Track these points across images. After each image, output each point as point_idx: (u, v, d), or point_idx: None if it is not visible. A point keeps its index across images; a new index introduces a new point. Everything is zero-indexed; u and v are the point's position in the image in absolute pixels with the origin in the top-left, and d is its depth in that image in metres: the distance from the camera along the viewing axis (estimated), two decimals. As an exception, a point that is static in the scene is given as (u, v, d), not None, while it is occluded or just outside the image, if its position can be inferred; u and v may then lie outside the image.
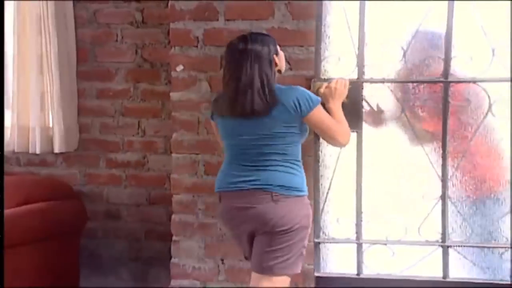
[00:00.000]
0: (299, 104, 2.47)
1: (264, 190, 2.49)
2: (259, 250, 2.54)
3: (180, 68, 3.11)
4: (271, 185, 2.49)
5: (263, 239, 2.52)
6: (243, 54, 2.48)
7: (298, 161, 2.58)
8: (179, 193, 3.17)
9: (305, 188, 2.58)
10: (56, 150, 3.70)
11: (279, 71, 2.60)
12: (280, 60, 2.58)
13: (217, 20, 3.03)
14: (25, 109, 3.70)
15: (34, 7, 3.61)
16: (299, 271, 2.60)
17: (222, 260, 3.15)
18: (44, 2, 3.57)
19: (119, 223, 3.77)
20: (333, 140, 2.62)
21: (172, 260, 3.22)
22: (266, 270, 2.53)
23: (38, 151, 3.71)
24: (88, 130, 3.77)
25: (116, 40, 3.67)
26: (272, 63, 2.51)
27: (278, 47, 2.58)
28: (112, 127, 3.74)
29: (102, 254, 3.78)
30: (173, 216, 3.20)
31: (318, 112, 2.53)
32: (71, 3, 3.67)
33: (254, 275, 2.60)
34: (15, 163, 3.83)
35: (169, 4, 3.10)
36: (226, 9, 3.01)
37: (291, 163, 2.53)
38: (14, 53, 3.65)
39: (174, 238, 3.21)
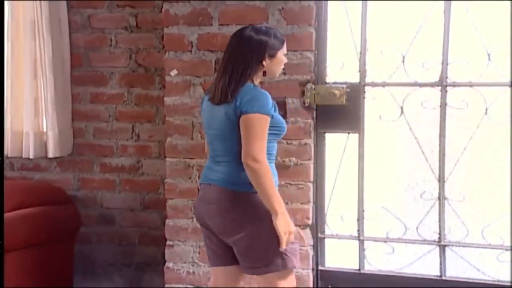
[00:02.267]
0: (241, 102, 2.35)
1: (223, 186, 2.43)
2: (237, 252, 2.48)
3: (174, 72, 3.12)
4: (229, 181, 2.42)
5: (234, 241, 2.45)
6: (240, 40, 2.41)
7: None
8: (173, 197, 3.17)
9: None
10: (50, 155, 3.69)
11: (264, 73, 2.45)
12: (273, 65, 2.45)
13: (211, 25, 3.04)
14: (19, 114, 3.69)
15: (28, 12, 3.60)
16: (291, 267, 2.44)
17: (216, 264, 3.15)
18: (38, 7, 3.57)
19: (113, 227, 3.76)
20: (245, 152, 2.31)
21: (166, 264, 3.22)
22: (255, 272, 2.47)
23: (31, 156, 3.70)
24: (82, 134, 3.76)
25: (110, 45, 3.66)
26: (259, 60, 2.40)
27: (279, 53, 2.45)
28: (106, 131, 3.73)
29: (96, 259, 3.77)
30: (167, 221, 3.21)
31: (253, 120, 2.32)
32: (65, 8, 3.67)
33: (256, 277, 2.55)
34: (8, 168, 3.82)
35: (163, 9, 3.11)
36: (220, 14, 3.03)
37: None
38: (8, 58, 3.64)
39: (168, 242, 3.21)
